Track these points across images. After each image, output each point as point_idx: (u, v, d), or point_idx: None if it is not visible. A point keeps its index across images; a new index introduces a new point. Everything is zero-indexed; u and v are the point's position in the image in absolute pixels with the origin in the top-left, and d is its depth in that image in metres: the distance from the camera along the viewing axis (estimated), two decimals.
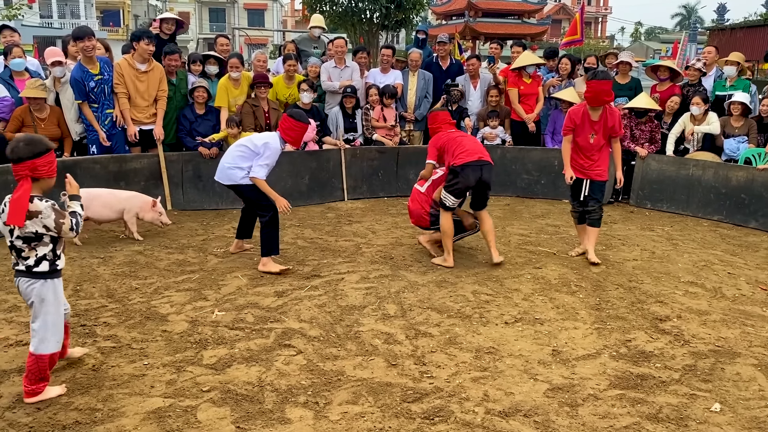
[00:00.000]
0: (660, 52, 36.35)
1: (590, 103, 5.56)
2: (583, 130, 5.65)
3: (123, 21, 49.04)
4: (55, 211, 3.15)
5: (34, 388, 3.23)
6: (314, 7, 23.30)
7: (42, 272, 3.18)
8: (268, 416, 3.15)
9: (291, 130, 5.26)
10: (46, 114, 6.58)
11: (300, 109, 7.75)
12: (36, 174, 3.12)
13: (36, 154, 3.11)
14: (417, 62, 8.68)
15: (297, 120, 5.26)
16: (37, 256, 3.17)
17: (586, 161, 5.74)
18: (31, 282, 3.18)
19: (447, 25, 30.23)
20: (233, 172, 5.25)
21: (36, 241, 3.15)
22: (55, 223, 3.14)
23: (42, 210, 3.10)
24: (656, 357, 3.91)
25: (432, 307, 4.61)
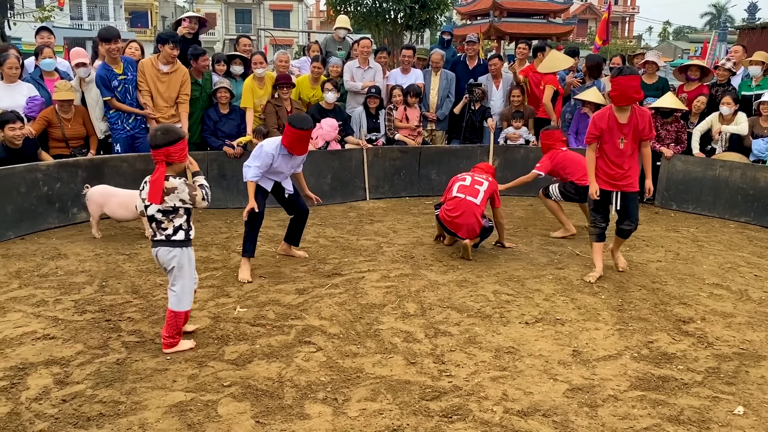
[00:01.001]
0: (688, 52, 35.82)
1: (617, 102, 4.99)
2: (611, 135, 5.07)
3: (150, 22, 49.73)
4: (188, 185, 3.68)
5: (171, 340, 3.79)
6: (339, 7, 23.40)
7: (179, 240, 3.73)
8: (288, 411, 3.19)
9: (285, 136, 4.97)
10: (71, 115, 6.71)
11: (323, 108, 7.87)
12: (170, 159, 3.63)
13: (170, 142, 3.61)
14: (438, 63, 8.68)
15: (290, 125, 4.92)
16: (174, 226, 3.71)
17: (616, 170, 5.12)
18: (170, 250, 3.72)
19: (471, 25, 30.16)
20: (244, 169, 5.17)
21: (173, 214, 3.70)
22: (189, 196, 3.67)
23: (177, 186, 3.64)
24: (679, 359, 3.87)
25: (452, 306, 4.62)
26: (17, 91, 6.65)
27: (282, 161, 5.10)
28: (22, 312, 4.34)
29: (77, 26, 41.46)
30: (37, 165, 6.27)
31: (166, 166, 3.64)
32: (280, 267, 5.41)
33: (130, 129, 6.96)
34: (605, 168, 5.16)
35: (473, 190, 5.62)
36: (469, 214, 5.52)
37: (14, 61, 6.64)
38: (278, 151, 5.02)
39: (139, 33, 44.96)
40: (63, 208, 6.49)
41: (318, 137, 7.79)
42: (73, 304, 4.51)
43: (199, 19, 7.96)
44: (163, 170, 3.62)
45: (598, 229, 5.32)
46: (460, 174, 5.94)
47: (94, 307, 4.46)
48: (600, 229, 5.32)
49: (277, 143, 5.04)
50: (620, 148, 5.08)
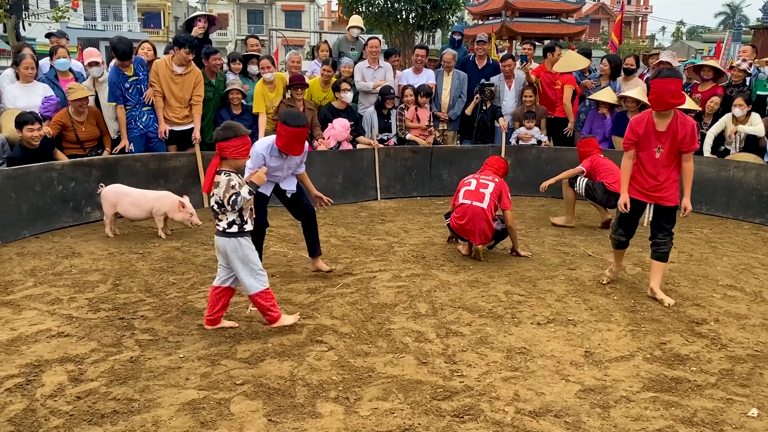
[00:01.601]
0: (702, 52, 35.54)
1: (655, 107, 4.59)
2: (648, 143, 4.67)
3: (163, 22, 50.02)
4: (228, 186, 3.80)
5: (269, 318, 4.08)
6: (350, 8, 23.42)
7: (232, 233, 3.91)
8: (300, 410, 3.20)
9: (280, 136, 4.58)
10: (84, 117, 6.76)
11: (335, 108, 7.89)
12: (222, 153, 3.85)
13: (225, 138, 3.83)
14: (450, 62, 8.68)
15: (283, 123, 4.54)
16: (228, 220, 3.90)
17: (650, 181, 4.72)
18: (226, 241, 3.92)
19: (483, 25, 30.07)
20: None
21: (223, 207, 3.86)
22: (223, 195, 3.81)
23: (220, 182, 3.82)
24: (692, 360, 3.84)
25: (463, 306, 4.61)
26: (33, 91, 6.72)
27: (276, 162, 4.76)
28: (37, 310, 4.39)
29: (91, 27, 41.78)
30: (51, 164, 6.33)
31: (221, 160, 3.87)
32: (291, 266, 5.43)
33: (144, 127, 7.00)
34: (639, 178, 4.79)
35: (479, 195, 5.55)
36: (479, 219, 5.48)
37: (30, 62, 6.70)
38: (269, 151, 4.69)
39: (151, 33, 45.23)
40: (77, 207, 6.55)
41: (330, 137, 7.81)
42: (87, 302, 4.55)
43: (208, 17, 8.00)
44: (216, 163, 3.85)
45: (617, 241, 5.02)
46: (467, 177, 5.89)
47: (108, 305, 4.50)
48: (619, 241, 5.00)
49: (268, 143, 4.70)
50: (656, 158, 4.67)
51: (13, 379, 3.44)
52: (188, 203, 6.09)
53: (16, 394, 3.29)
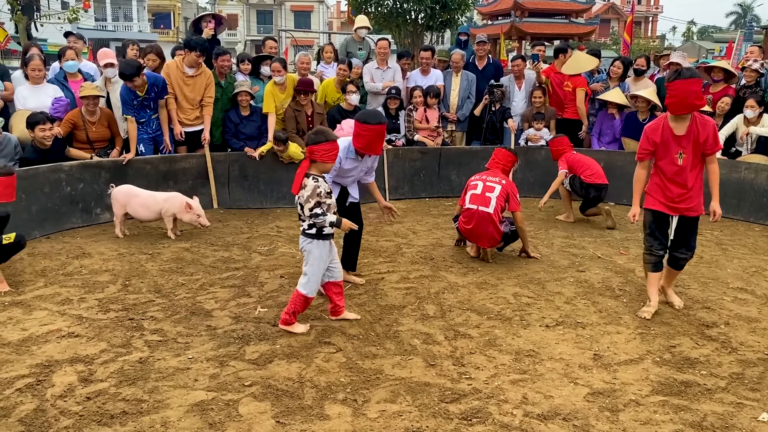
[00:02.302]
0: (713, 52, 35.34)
1: (675, 110, 4.28)
2: (668, 150, 4.36)
3: (173, 23, 50.24)
4: (314, 192, 3.91)
5: (287, 317, 4.13)
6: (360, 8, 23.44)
7: (312, 234, 4.03)
8: (308, 412, 3.20)
9: (359, 136, 4.48)
10: (96, 117, 6.80)
11: (343, 109, 7.90)
12: (313, 157, 3.97)
13: (316, 142, 3.96)
14: (458, 63, 8.67)
15: (363, 122, 4.45)
16: (308, 222, 4.00)
17: (675, 190, 4.41)
18: (305, 239, 4.06)
19: (493, 25, 30.02)
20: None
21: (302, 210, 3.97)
22: (306, 200, 3.92)
23: (306, 185, 3.94)
24: (702, 364, 3.82)
25: (472, 308, 4.61)
26: (43, 92, 6.77)
27: (351, 164, 4.69)
28: (47, 310, 4.42)
29: (101, 28, 42.02)
30: (60, 165, 6.37)
31: (311, 162, 4.00)
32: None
33: (152, 132, 7.04)
34: (663, 188, 4.45)
35: (484, 199, 5.51)
36: (485, 223, 5.45)
37: (38, 63, 6.75)
38: (346, 153, 4.61)
39: (161, 34, 45.49)
40: (86, 208, 6.59)
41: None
42: (97, 302, 4.58)
43: (214, 16, 8.01)
44: (306, 165, 3.99)
45: (654, 258, 4.58)
46: (473, 177, 5.84)
47: (118, 305, 4.53)
48: (656, 258, 4.58)
49: (345, 144, 4.60)
50: (679, 165, 4.36)
51: (24, 379, 3.47)
52: (196, 204, 6.10)
53: (27, 395, 3.32)
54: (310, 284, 4.11)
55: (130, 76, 6.52)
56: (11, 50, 24.94)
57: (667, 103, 4.35)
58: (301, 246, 4.12)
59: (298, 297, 4.12)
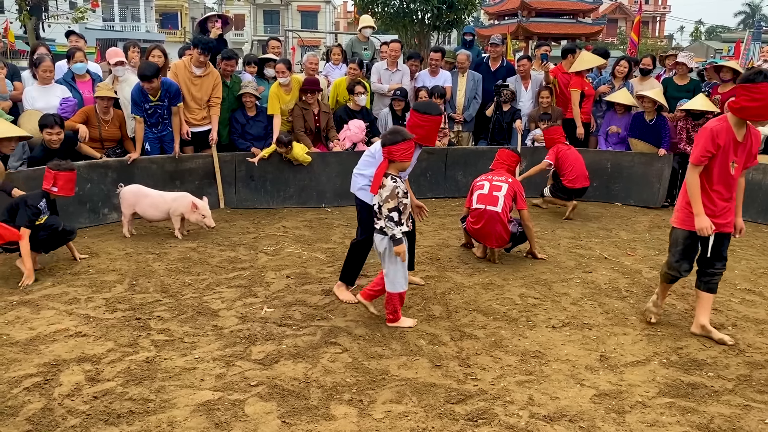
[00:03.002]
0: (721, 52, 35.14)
1: (755, 116, 3.88)
2: (726, 156, 3.95)
3: (180, 23, 50.40)
4: (393, 193, 3.98)
5: (392, 317, 4.23)
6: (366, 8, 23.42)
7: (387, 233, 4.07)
8: (313, 412, 3.21)
9: (418, 127, 4.33)
10: (110, 117, 6.84)
11: (350, 110, 7.90)
12: (392, 157, 4.03)
13: (394, 142, 4.01)
14: (464, 64, 8.66)
15: (423, 113, 4.34)
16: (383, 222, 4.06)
17: (720, 203, 4.04)
18: (382, 238, 4.10)
19: (499, 25, 29.96)
20: (356, 178, 4.68)
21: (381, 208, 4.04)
22: (384, 200, 3.99)
23: (385, 186, 4.00)
24: (709, 366, 3.80)
25: (478, 309, 4.60)
26: (51, 92, 6.79)
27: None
28: (55, 309, 4.44)
29: (109, 28, 42.20)
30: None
31: (389, 163, 4.04)
32: (306, 268, 5.45)
33: (158, 132, 7.06)
34: (706, 199, 4.02)
35: (492, 198, 5.50)
36: (493, 223, 5.44)
37: (49, 65, 6.79)
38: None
39: (169, 34, 45.64)
40: (94, 208, 6.62)
41: (345, 138, 7.83)
42: (104, 302, 4.60)
43: (220, 16, 8.03)
44: (385, 166, 4.04)
45: (673, 277, 4.30)
46: (479, 178, 5.83)
47: (125, 305, 4.54)
48: (677, 278, 4.29)
49: None
50: (731, 174, 4.00)
51: (32, 378, 3.48)
52: (202, 204, 6.11)
53: (35, 393, 3.33)
54: (397, 282, 4.16)
55: (150, 76, 6.56)
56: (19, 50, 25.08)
57: (742, 106, 3.89)
58: (378, 245, 4.16)
59: (392, 297, 4.18)
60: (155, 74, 6.61)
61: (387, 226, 4.03)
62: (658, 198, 8.02)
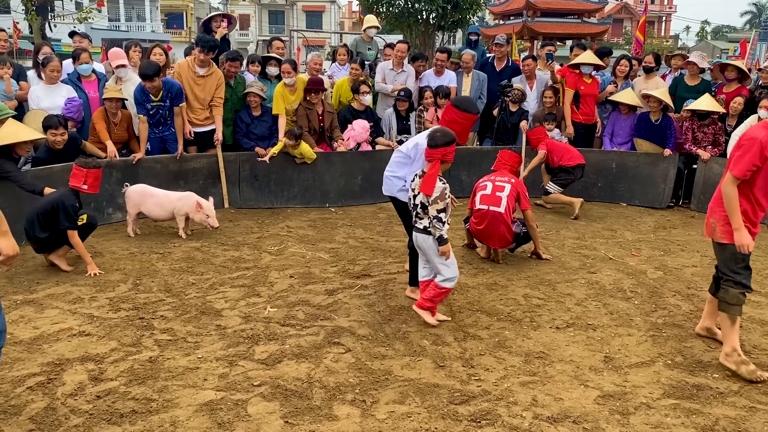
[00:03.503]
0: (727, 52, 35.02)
1: None
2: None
3: (186, 23, 50.48)
4: (442, 194, 4.07)
5: (426, 305, 4.25)
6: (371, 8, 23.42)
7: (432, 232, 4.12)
8: (316, 412, 3.20)
9: (454, 123, 4.37)
10: (118, 119, 6.86)
11: (354, 110, 7.90)
12: (445, 158, 4.09)
13: (447, 143, 4.07)
14: (469, 64, 8.64)
15: (462, 110, 4.36)
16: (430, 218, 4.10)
17: (759, 213, 3.78)
18: (426, 238, 4.14)
19: (504, 25, 29.93)
20: (391, 181, 4.62)
21: (427, 209, 4.10)
22: (433, 201, 4.05)
23: (442, 187, 4.08)
24: (714, 367, 3.78)
25: (482, 309, 4.59)
26: (57, 92, 6.80)
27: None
28: (59, 309, 4.45)
29: (115, 28, 42.30)
30: (67, 166, 6.39)
31: (440, 164, 4.08)
32: (309, 267, 5.44)
33: (159, 132, 7.07)
34: (752, 211, 3.73)
35: (495, 199, 5.46)
36: (497, 223, 5.41)
37: (57, 65, 6.80)
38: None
39: (174, 34, 45.72)
40: (98, 208, 6.62)
41: (349, 138, 7.82)
42: (108, 301, 4.60)
43: (224, 16, 8.04)
44: (438, 167, 4.07)
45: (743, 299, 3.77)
46: (481, 179, 5.81)
47: (128, 305, 4.55)
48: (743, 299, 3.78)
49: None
50: None
51: (35, 377, 3.49)
52: (207, 204, 6.10)
53: (38, 393, 3.34)
54: (448, 279, 4.20)
55: (152, 75, 6.57)
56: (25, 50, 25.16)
57: None
58: (424, 246, 4.19)
59: (438, 288, 4.22)
60: (156, 73, 6.62)
61: (435, 226, 4.08)
62: (663, 198, 7.98)
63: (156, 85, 6.66)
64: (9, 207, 5.45)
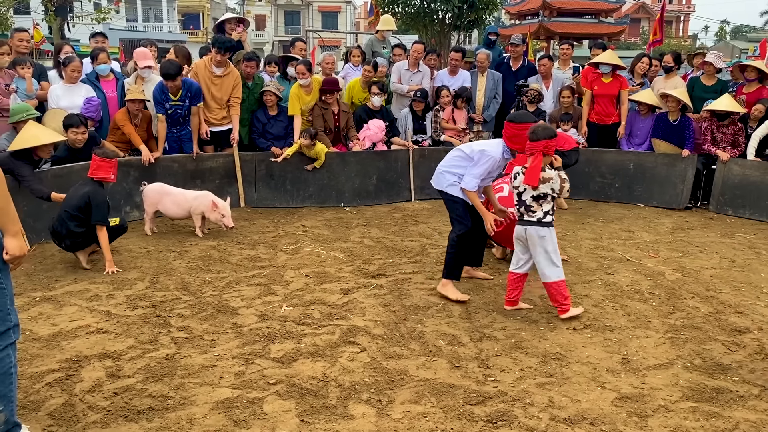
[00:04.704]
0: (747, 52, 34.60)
1: None
2: None
3: (202, 24, 50.78)
4: (560, 177, 4.24)
5: (562, 307, 4.35)
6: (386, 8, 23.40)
7: (547, 222, 4.30)
8: (332, 411, 3.20)
9: (516, 137, 4.45)
10: (139, 120, 6.91)
11: (370, 110, 7.90)
12: (546, 150, 4.21)
13: (550, 136, 4.22)
14: (484, 63, 8.61)
15: (520, 122, 4.45)
16: (543, 210, 4.28)
17: None
18: (539, 230, 4.29)
19: (521, 24, 29.79)
20: (443, 176, 4.74)
21: (543, 200, 4.28)
22: (559, 186, 4.25)
23: (552, 177, 4.25)
24: (734, 370, 3.73)
25: (498, 310, 4.56)
26: (76, 92, 6.87)
27: (501, 165, 4.68)
28: (77, 306, 4.48)
29: (132, 28, 42.66)
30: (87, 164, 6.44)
31: (543, 156, 4.20)
32: (325, 267, 5.45)
33: (177, 132, 7.11)
34: None
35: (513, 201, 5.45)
36: (514, 225, 5.37)
37: (78, 65, 6.88)
38: (504, 154, 4.58)
39: (191, 34, 46.02)
40: (115, 206, 6.65)
41: (365, 138, 7.83)
42: (125, 299, 4.63)
43: (238, 19, 8.09)
44: (540, 159, 4.19)
45: None
46: (497, 181, 5.75)
47: (145, 302, 4.58)
48: None
49: (501, 146, 4.58)
50: None
51: (54, 373, 3.52)
52: (222, 204, 6.11)
53: (56, 389, 3.37)
54: (553, 271, 4.31)
55: (174, 75, 6.64)
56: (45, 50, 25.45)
57: None
58: (536, 237, 4.29)
59: (550, 287, 4.33)
60: (178, 72, 6.70)
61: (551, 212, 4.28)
62: (681, 199, 7.90)
63: (177, 85, 6.71)
64: (27, 206, 5.55)
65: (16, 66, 6.73)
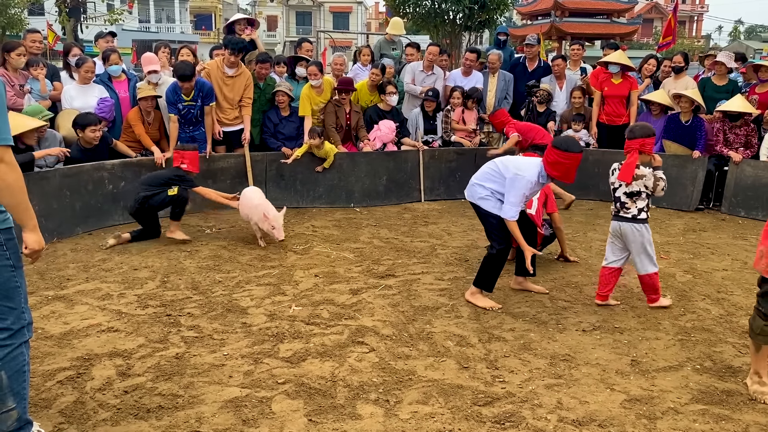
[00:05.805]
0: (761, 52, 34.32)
1: None
2: None
3: (214, 25, 51.03)
4: (654, 176, 4.35)
5: (653, 296, 4.61)
6: (397, 9, 23.40)
7: (642, 219, 4.45)
8: (340, 411, 3.21)
9: (558, 164, 4.28)
10: (151, 118, 6.97)
11: (380, 110, 7.91)
12: (643, 148, 4.35)
13: (647, 134, 4.36)
14: (495, 64, 8.60)
15: (564, 150, 4.25)
16: (638, 207, 4.43)
17: None
18: (634, 226, 4.44)
19: (532, 25, 29.69)
20: (475, 188, 4.64)
21: (637, 197, 4.42)
22: (653, 185, 4.36)
23: (645, 174, 4.36)
24: (745, 373, 3.70)
25: (507, 311, 4.56)
26: (89, 92, 6.92)
27: (538, 187, 4.54)
28: (88, 305, 4.52)
29: (145, 29, 42.94)
30: (103, 164, 6.51)
31: (639, 154, 4.34)
32: (334, 267, 5.46)
33: (190, 132, 7.16)
34: None
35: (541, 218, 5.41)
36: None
37: (91, 66, 6.94)
38: (540, 178, 4.41)
39: (203, 35, 46.26)
40: (127, 206, 6.71)
41: (375, 138, 7.84)
42: (136, 298, 4.67)
43: (248, 20, 8.12)
44: (636, 157, 4.34)
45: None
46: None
47: (156, 301, 4.61)
48: None
49: (539, 169, 4.40)
50: None
51: (65, 371, 3.56)
52: (275, 215, 5.88)
53: (67, 387, 3.40)
54: (650, 263, 4.49)
55: (189, 76, 6.70)
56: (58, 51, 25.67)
57: None
58: (631, 234, 4.45)
59: (646, 278, 4.52)
60: (194, 73, 6.74)
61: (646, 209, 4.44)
62: (692, 201, 7.85)
63: (191, 86, 6.76)
64: (38, 205, 5.60)
65: (29, 67, 6.80)
